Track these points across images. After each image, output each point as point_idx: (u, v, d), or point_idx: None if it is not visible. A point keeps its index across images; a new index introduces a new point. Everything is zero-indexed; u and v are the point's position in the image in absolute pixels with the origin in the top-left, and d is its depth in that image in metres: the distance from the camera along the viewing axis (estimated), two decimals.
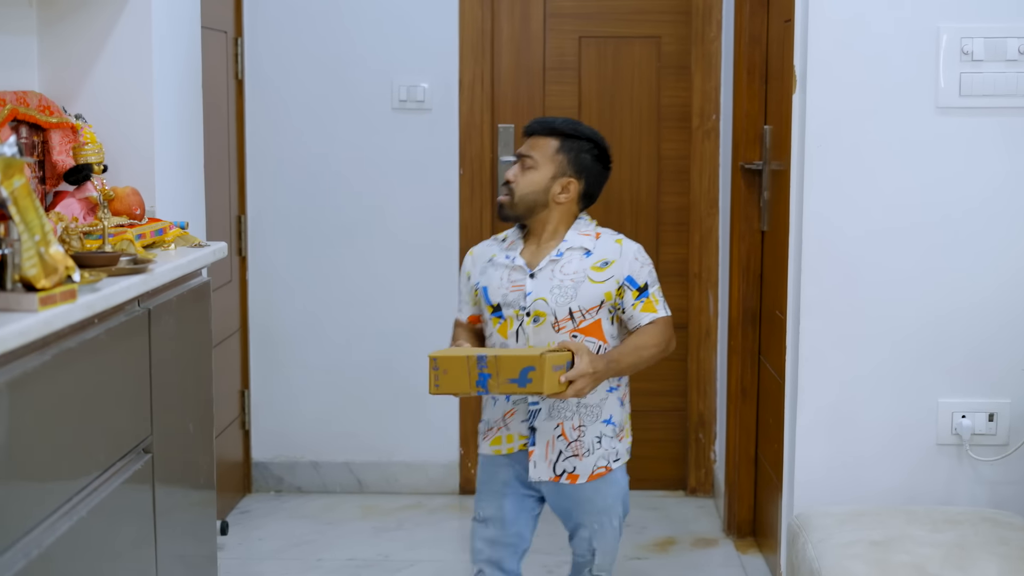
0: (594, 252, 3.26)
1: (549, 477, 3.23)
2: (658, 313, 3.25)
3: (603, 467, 3.24)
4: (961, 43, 3.18)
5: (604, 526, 3.28)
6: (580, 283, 3.20)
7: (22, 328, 2.04)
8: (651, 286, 3.27)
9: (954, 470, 3.31)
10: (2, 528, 2.02)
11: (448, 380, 3.02)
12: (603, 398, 3.24)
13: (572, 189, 3.29)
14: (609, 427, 3.25)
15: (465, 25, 4.77)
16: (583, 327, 3.20)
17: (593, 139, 3.32)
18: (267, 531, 4.52)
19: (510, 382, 2.98)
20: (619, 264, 3.24)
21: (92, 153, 3.04)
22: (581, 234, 3.29)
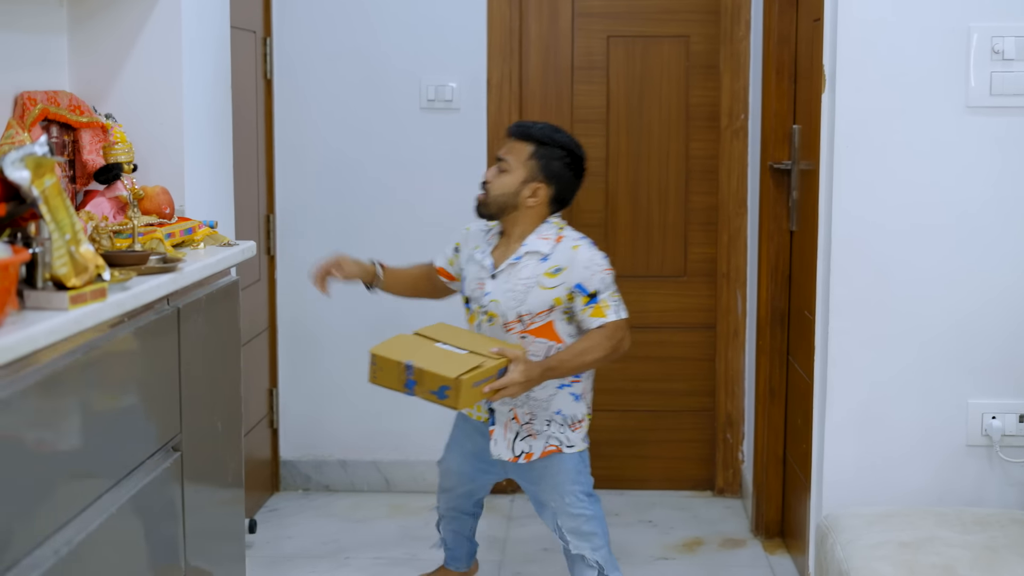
0: (550, 257, 3.44)
1: (509, 457, 3.50)
2: (607, 318, 3.41)
3: (554, 446, 3.48)
4: (992, 42, 3.16)
5: (560, 504, 3.49)
6: (531, 288, 3.42)
7: (52, 327, 2.05)
8: (602, 292, 3.42)
9: (984, 471, 3.29)
10: (32, 525, 2.03)
11: (383, 376, 3.38)
12: (552, 394, 3.47)
13: (541, 194, 3.47)
14: (559, 417, 3.48)
15: (493, 24, 4.77)
16: (532, 329, 3.44)
17: (567, 147, 3.49)
18: (295, 529, 4.53)
19: (431, 393, 3.28)
20: (570, 271, 3.41)
21: (122, 152, 3.05)
22: (541, 238, 3.47)
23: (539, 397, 3.46)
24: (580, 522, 3.49)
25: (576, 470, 3.49)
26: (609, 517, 4.66)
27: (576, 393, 3.51)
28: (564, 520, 3.50)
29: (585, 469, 3.53)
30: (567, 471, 3.48)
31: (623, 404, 4.94)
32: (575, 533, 3.49)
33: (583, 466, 3.52)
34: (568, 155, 3.50)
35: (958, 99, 3.20)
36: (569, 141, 3.52)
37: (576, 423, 3.51)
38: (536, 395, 3.45)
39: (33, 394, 2.01)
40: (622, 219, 4.87)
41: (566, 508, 3.49)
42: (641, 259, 4.88)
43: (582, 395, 3.52)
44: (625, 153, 4.85)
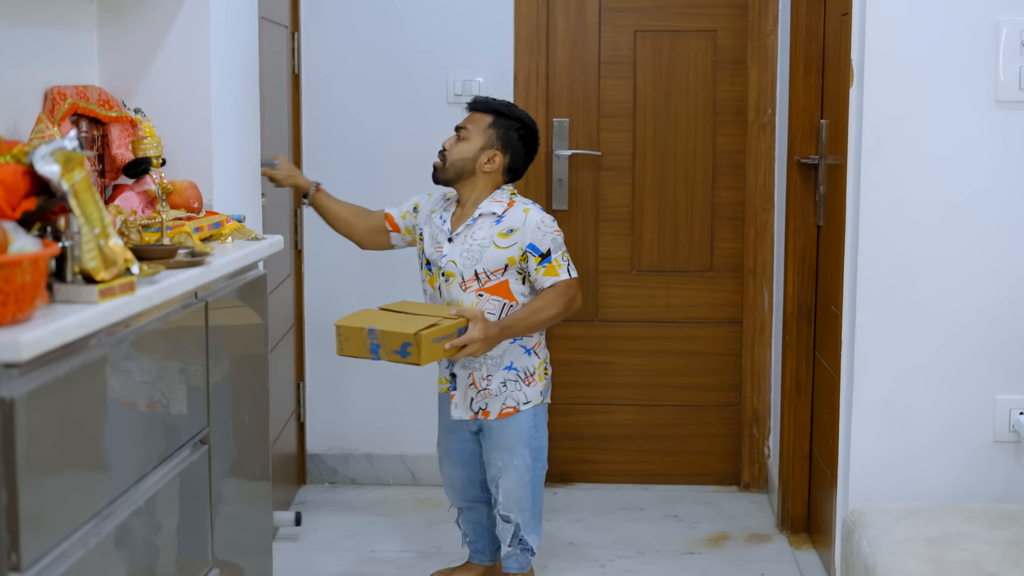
0: (503, 219, 3.67)
1: (468, 416, 3.72)
2: (559, 276, 3.64)
3: (511, 407, 3.69)
4: (1021, 36, 3.15)
5: (507, 464, 3.70)
6: (486, 248, 3.64)
7: (82, 320, 2.06)
8: (554, 252, 3.65)
9: (1011, 467, 3.28)
10: (61, 518, 2.04)
11: (349, 346, 3.60)
12: (505, 349, 3.68)
13: (496, 161, 3.72)
14: (512, 372, 3.70)
15: (520, 19, 4.78)
16: (488, 287, 3.66)
17: (522, 120, 3.76)
18: (321, 523, 4.55)
19: (394, 352, 3.49)
20: (522, 232, 3.64)
21: (151, 147, 3.07)
22: (494, 201, 3.71)
23: (493, 354, 3.67)
24: (518, 485, 3.71)
25: (529, 431, 3.71)
26: (634, 511, 4.66)
27: (527, 347, 3.71)
28: (505, 480, 3.71)
29: (540, 425, 3.75)
30: (520, 432, 3.70)
31: (649, 399, 4.94)
32: (509, 494, 3.72)
33: (537, 427, 3.74)
34: (522, 127, 3.75)
35: (987, 93, 3.18)
36: (524, 115, 3.78)
37: (529, 376, 3.71)
38: (491, 352, 3.66)
39: (62, 387, 2.02)
40: (648, 214, 4.86)
41: (512, 468, 3.71)
42: (668, 254, 4.88)
43: (533, 348, 3.72)
44: (652, 148, 4.84)
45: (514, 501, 3.73)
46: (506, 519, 3.76)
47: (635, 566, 4.15)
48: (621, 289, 4.91)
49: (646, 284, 4.91)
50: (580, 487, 4.96)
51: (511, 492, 3.73)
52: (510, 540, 3.78)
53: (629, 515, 4.64)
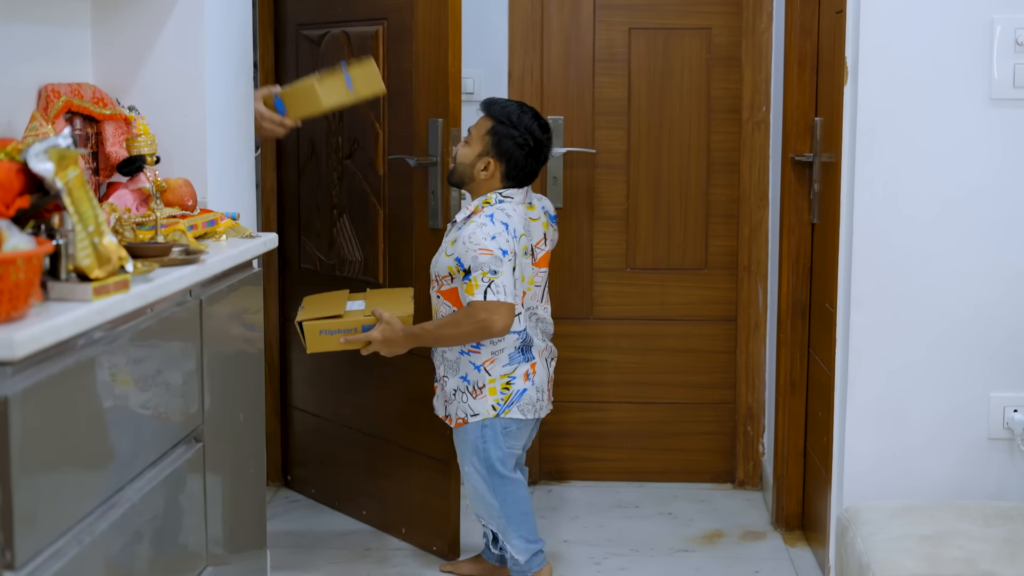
0: (462, 228, 3.61)
1: (441, 415, 3.79)
2: (474, 296, 3.51)
3: (460, 419, 3.70)
4: (1015, 34, 3.15)
5: (462, 471, 3.77)
6: (440, 253, 3.66)
7: (76, 318, 2.06)
8: (474, 270, 3.51)
9: (1005, 465, 3.28)
10: (56, 515, 2.04)
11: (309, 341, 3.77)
12: (457, 357, 3.69)
13: (491, 169, 3.66)
14: (464, 383, 3.68)
15: (515, 16, 4.77)
16: (441, 291, 3.69)
17: (525, 129, 3.64)
18: (315, 520, 4.54)
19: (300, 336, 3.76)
20: (458, 243, 3.57)
21: (145, 144, 3.06)
22: (467, 208, 3.68)
23: (449, 358, 3.72)
24: (477, 494, 3.74)
25: (475, 443, 3.68)
26: (628, 509, 4.67)
27: (476, 364, 3.67)
28: (466, 485, 3.77)
29: (490, 442, 3.68)
30: (467, 442, 3.70)
31: (643, 396, 4.94)
32: (472, 498, 3.77)
33: (485, 440, 3.68)
34: (522, 136, 3.64)
35: (981, 91, 3.19)
36: (529, 122, 3.66)
37: (478, 389, 3.66)
38: (448, 355, 3.71)
39: (56, 385, 2.02)
40: (643, 211, 4.86)
41: (466, 478, 3.75)
42: (662, 252, 4.88)
43: (483, 365, 3.66)
44: (646, 145, 4.84)
45: (481, 509, 3.77)
46: (479, 519, 3.83)
47: (630, 564, 4.16)
48: (616, 287, 4.91)
49: (641, 282, 4.91)
50: (575, 485, 4.96)
51: (473, 499, 3.77)
52: (492, 544, 3.88)
53: (624, 513, 4.65)
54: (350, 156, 4.35)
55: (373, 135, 4.25)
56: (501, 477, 3.70)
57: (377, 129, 4.22)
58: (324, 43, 4.40)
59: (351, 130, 4.34)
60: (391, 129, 4.17)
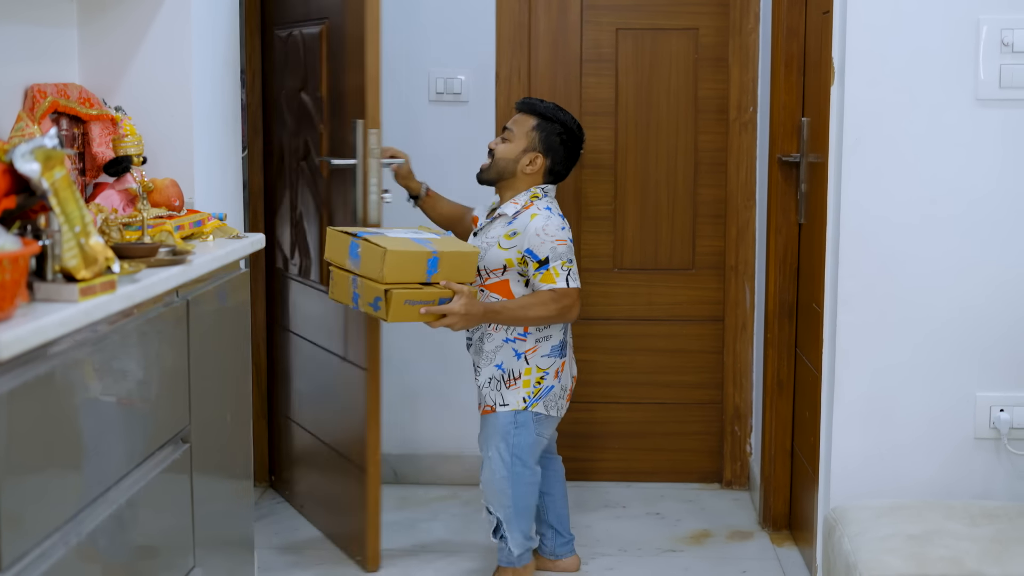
0: (513, 221, 3.73)
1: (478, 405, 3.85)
2: (556, 284, 3.66)
3: (489, 406, 3.78)
4: (1001, 34, 3.16)
5: (486, 459, 3.79)
6: (491, 247, 3.73)
7: (62, 318, 2.06)
8: (552, 260, 3.67)
9: (992, 464, 3.29)
10: (43, 516, 2.04)
11: (337, 290, 3.63)
12: (498, 346, 3.76)
13: (538, 163, 3.79)
14: (499, 371, 3.75)
15: (502, 17, 4.77)
16: (488, 284, 3.74)
17: (566, 125, 3.81)
18: (303, 520, 4.54)
19: (368, 305, 3.50)
20: (523, 236, 3.68)
21: (131, 145, 3.06)
22: (513, 203, 3.78)
23: (487, 349, 3.77)
24: (493, 478, 3.77)
25: (506, 429, 3.74)
26: (616, 509, 4.67)
27: (519, 351, 3.74)
28: (484, 472, 3.80)
29: (522, 430, 3.75)
30: (496, 428, 3.75)
31: (631, 396, 4.94)
32: (487, 486, 3.79)
33: (517, 427, 3.75)
34: (565, 132, 3.80)
35: (967, 92, 3.20)
36: (570, 120, 3.82)
37: (512, 380, 3.74)
38: (485, 346, 3.77)
39: (43, 386, 2.02)
40: (630, 212, 4.87)
41: (488, 462, 3.78)
42: (649, 252, 4.88)
43: (524, 354, 3.74)
44: (633, 146, 4.85)
45: (493, 495, 3.79)
46: (489, 511, 3.83)
47: (617, 564, 4.16)
48: (603, 287, 4.91)
49: (628, 282, 4.92)
50: None
51: (488, 485, 3.78)
52: (492, 532, 3.87)
53: (611, 513, 4.65)
54: (305, 158, 4.32)
55: (317, 136, 4.22)
56: (524, 467, 3.77)
57: (321, 130, 4.19)
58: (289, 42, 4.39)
59: (305, 132, 4.31)
60: (331, 131, 4.13)
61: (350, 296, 3.56)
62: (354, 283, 3.52)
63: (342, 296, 3.60)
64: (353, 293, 3.54)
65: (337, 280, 3.61)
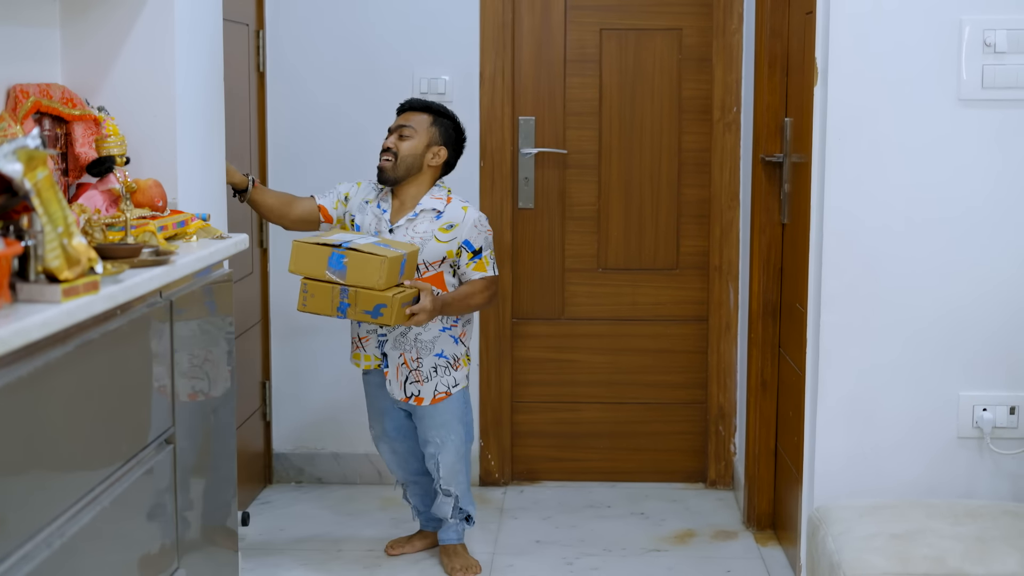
0: (443, 215, 3.89)
1: (401, 397, 3.93)
2: (487, 272, 3.91)
3: (443, 392, 3.93)
4: (984, 35, 3.17)
5: (445, 440, 3.96)
6: (427, 241, 3.85)
7: (45, 319, 2.05)
8: (485, 250, 3.91)
9: (975, 463, 3.30)
10: (26, 518, 2.03)
11: (314, 302, 3.67)
12: (436, 336, 3.91)
13: (441, 155, 3.94)
14: (443, 360, 3.92)
15: (486, 17, 4.77)
16: (426, 277, 3.85)
17: (455, 119, 4.01)
18: (287, 522, 4.53)
19: (365, 313, 3.62)
20: (460, 228, 3.87)
21: (114, 145, 3.05)
22: (434, 198, 3.92)
23: (425, 339, 3.90)
24: (456, 458, 3.97)
25: (462, 409, 3.99)
26: (601, 509, 4.67)
27: (455, 336, 3.94)
28: (445, 456, 3.96)
29: (468, 406, 4.04)
30: (454, 411, 3.96)
31: (615, 396, 4.95)
32: (448, 468, 3.97)
33: (467, 404, 4.03)
34: (455, 126, 4.00)
35: (950, 92, 3.20)
36: (454, 115, 4.02)
37: (457, 361, 3.95)
38: (423, 337, 3.89)
39: (25, 387, 2.01)
40: (614, 212, 4.87)
41: (450, 444, 3.96)
42: (633, 252, 4.89)
43: (460, 337, 3.96)
44: (617, 146, 4.85)
45: (452, 475, 3.98)
46: (447, 492, 4.00)
47: (602, 563, 4.16)
48: (587, 287, 4.91)
49: (612, 282, 4.92)
50: (547, 485, 4.96)
51: (450, 466, 3.97)
52: (452, 512, 4.04)
53: (596, 513, 4.65)
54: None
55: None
56: (472, 439, 4.06)
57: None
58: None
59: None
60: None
61: (334, 306, 3.64)
62: (343, 293, 3.62)
63: (320, 307, 3.66)
64: (340, 303, 3.63)
65: (314, 291, 3.66)
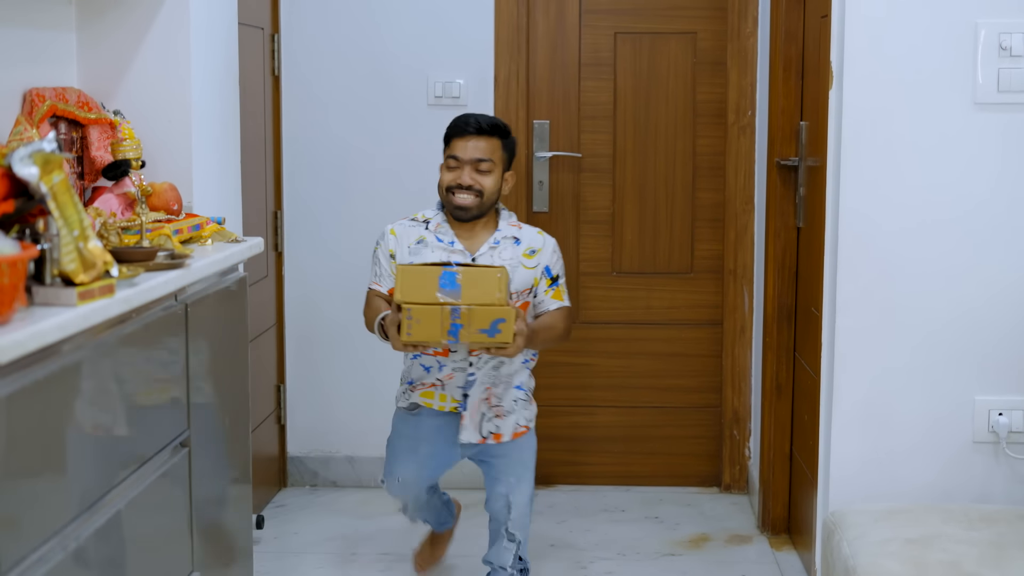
0: (522, 241, 3.61)
1: (477, 439, 3.59)
2: (564, 302, 3.62)
3: (523, 427, 3.66)
4: (999, 38, 3.16)
5: (521, 479, 3.65)
6: (515, 269, 3.55)
7: (61, 322, 2.05)
8: (561, 277, 3.64)
9: (990, 468, 3.29)
10: (41, 521, 2.03)
11: (420, 328, 3.19)
12: (516, 369, 3.63)
13: (510, 181, 3.67)
14: (521, 392, 3.65)
15: (501, 21, 4.78)
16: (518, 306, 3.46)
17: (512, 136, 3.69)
18: (302, 525, 4.54)
19: (480, 332, 3.19)
20: (543, 254, 3.61)
21: (130, 149, 3.06)
22: (510, 224, 3.64)
23: (508, 372, 3.61)
24: (526, 500, 3.67)
25: (534, 447, 3.71)
26: (615, 513, 4.67)
27: (530, 367, 3.70)
28: (517, 495, 3.65)
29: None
30: (531, 448, 3.70)
31: (629, 400, 4.94)
32: (520, 509, 3.65)
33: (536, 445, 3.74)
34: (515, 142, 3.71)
35: (965, 95, 3.20)
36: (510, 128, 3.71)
37: (531, 396, 3.69)
38: (504, 369, 3.60)
39: (41, 390, 2.02)
40: (629, 216, 4.87)
41: (524, 484, 3.66)
42: (648, 255, 4.88)
43: (531, 372, 3.71)
44: (632, 150, 4.85)
45: (522, 517, 3.66)
46: (511, 537, 3.66)
47: (616, 567, 4.16)
48: (602, 291, 4.91)
49: (627, 286, 4.92)
50: (562, 489, 4.96)
51: (522, 507, 3.66)
52: (512, 561, 3.68)
53: (610, 516, 4.65)
54: None
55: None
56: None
57: None
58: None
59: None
60: None
61: (444, 330, 3.17)
62: (454, 314, 3.16)
63: (428, 334, 3.19)
64: (452, 325, 3.17)
65: (419, 316, 3.17)
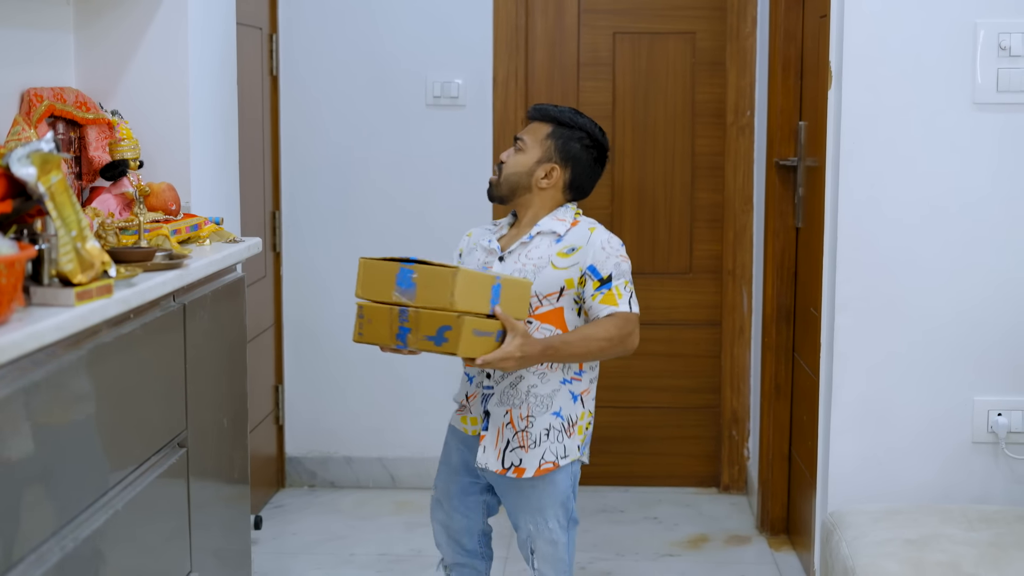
0: (564, 238, 3.13)
1: (496, 469, 3.12)
2: (618, 307, 3.07)
3: (550, 463, 3.11)
4: (999, 38, 3.16)
5: (540, 527, 3.15)
6: (542, 268, 3.10)
7: (59, 323, 2.05)
8: (616, 279, 3.09)
9: (990, 468, 3.29)
10: (39, 521, 2.03)
11: (371, 329, 2.92)
12: (555, 389, 3.12)
13: (555, 176, 3.18)
14: (558, 420, 3.12)
15: (499, 21, 4.77)
16: (539, 314, 3.09)
17: (588, 131, 3.20)
18: (300, 526, 4.54)
19: (427, 339, 2.86)
20: (584, 251, 3.10)
21: (128, 149, 3.06)
22: (556, 219, 3.17)
23: (541, 393, 3.11)
24: (552, 548, 3.16)
25: (565, 492, 3.16)
26: (614, 514, 4.66)
27: (575, 393, 3.15)
28: (539, 544, 3.17)
29: (574, 487, 3.19)
30: (557, 493, 3.14)
31: (628, 400, 4.94)
32: (544, 558, 3.18)
33: (573, 483, 3.19)
34: (588, 138, 3.20)
35: (964, 95, 3.19)
36: (591, 125, 3.22)
37: (571, 427, 3.15)
38: (539, 390, 3.11)
39: (39, 390, 2.01)
40: (628, 215, 4.87)
41: (545, 533, 3.16)
42: (647, 256, 4.88)
43: (580, 396, 3.16)
44: (631, 150, 4.85)
45: (550, 564, 3.17)
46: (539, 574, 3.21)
47: (615, 568, 4.15)
48: None
49: None
50: None
51: (546, 556, 3.16)
52: None
53: (609, 517, 4.65)
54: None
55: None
56: (575, 525, 3.21)
57: None
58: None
59: None
60: None
61: (392, 334, 2.90)
62: (402, 315, 2.87)
63: (378, 335, 2.93)
64: (399, 328, 2.89)
65: (371, 315, 2.92)
